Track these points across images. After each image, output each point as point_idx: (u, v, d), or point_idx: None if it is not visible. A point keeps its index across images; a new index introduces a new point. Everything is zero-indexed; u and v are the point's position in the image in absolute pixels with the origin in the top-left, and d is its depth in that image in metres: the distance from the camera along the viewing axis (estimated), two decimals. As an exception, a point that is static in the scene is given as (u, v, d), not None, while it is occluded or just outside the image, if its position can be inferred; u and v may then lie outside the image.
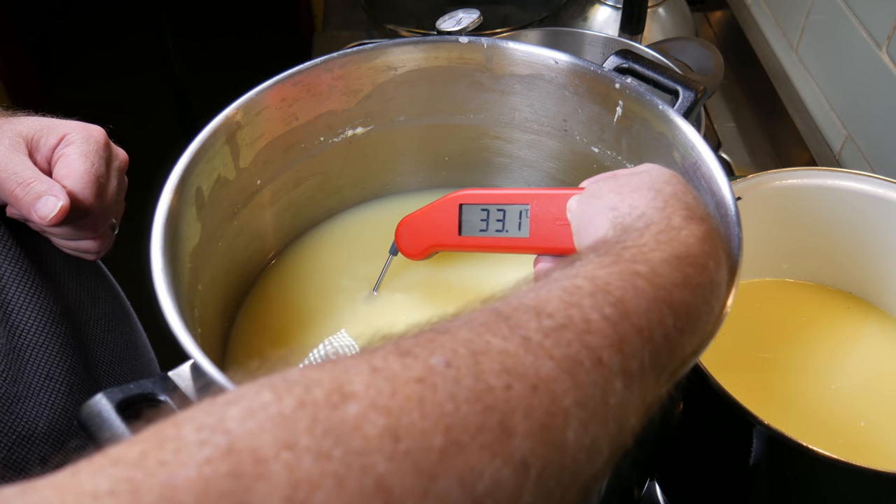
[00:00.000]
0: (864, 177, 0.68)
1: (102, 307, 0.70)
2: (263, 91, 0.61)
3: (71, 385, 0.62)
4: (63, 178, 0.57)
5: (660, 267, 0.38)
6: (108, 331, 0.70)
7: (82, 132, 0.59)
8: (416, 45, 0.66)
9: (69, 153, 0.58)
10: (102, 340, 0.69)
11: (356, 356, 0.31)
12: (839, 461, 0.50)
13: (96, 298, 0.70)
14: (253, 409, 0.27)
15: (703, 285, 0.39)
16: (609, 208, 0.44)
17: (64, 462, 0.26)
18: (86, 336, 0.67)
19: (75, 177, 0.57)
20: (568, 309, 0.34)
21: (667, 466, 0.67)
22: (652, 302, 0.36)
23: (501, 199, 0.55)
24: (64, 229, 0.60)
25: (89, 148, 0.58)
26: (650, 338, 0.35)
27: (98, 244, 0.63)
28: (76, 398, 0.62)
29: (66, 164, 0.57)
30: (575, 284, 0.36)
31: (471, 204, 0.57)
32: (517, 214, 0.54)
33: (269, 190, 0.67)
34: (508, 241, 0.55)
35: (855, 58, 0.92)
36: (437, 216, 0.59)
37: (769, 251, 0.73)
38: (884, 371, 0.68)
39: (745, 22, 1.21)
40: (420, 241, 0.61)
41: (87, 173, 0.57)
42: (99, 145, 0.59)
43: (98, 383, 0.66)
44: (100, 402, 0.42)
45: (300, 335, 0.65)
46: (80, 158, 0.57)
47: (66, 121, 0.60)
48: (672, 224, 0.41)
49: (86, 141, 0.58)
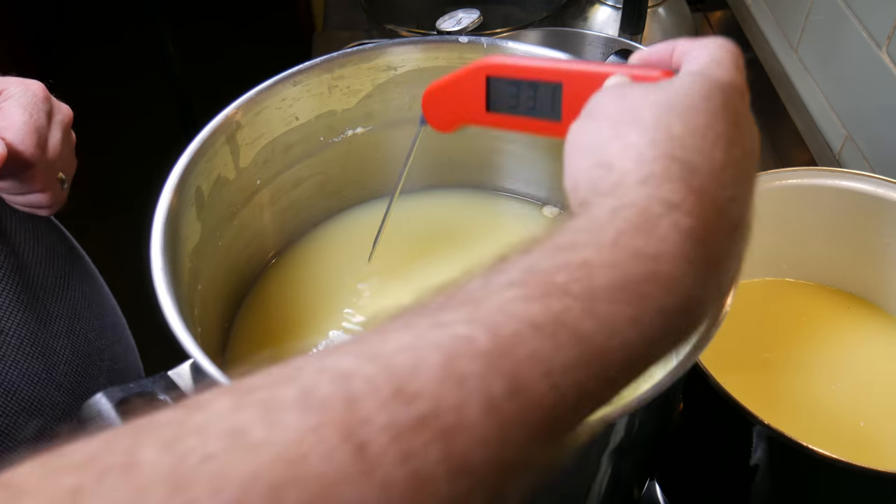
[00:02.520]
0: (864, 177, 0.68)
1: (62, 266, 0.71)
2: (263, 91, 0.61)
3: (21, 339, 0.64)
4: (2, 130, 0.57)
5: (601, 303, 0.27)
6: (66, 288, 0.71)
7: (20, 86, 0.60)
8: (416, 45, 0.66)
9: (7, 106, 0.58)
10: (59, 297, 0.69)
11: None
12: (839, 461, 0.50)
13: (54, 257, 0.71)
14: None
15: (666, 312, 0.29)
16: (590, 150, 0.34)
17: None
18: (41, 291, 0.68)
19: (14, 128, 0.57)
20: (442, 387, 0.24)
21: (667, 466, 0.67)
22: (570, 367, 0.26)
23: (533, 74, 0.47)
24: (9, 183, 0.60)
25: (27, 100, 0.59)
26: (553, 418, 0.26)
27: (47, 198, 0.63)
28: (27, 351, 0.64)
29: (4, 117, 0.58)
30: (467, 335, 0.26)
31: (499, 78, 0.49)
32: (550, 93, 0.47)
33: (269, 190, 0.67)
34: (540, 124, 0.48)
35: (855, 58, 0.92)
36: (465, 87, 0.52)
37: (769, 251, 0.73)
38: (884, 371, 0.68)
39: (745, 22, 1.21)
40: (447, 113, 0.54)
41: (25, 124, 0.58)
42: (38, 98, 0.60)
43: (54, 338, 0.67)
44: (100, 401, 0.42)
45: (300, 335, 0.65)
46: (18, 110, 0.58)
47: (4, 77, 0.61)
48: (651, 208, 0.30)
49: (24, 94, 0.59)
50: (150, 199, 0.53)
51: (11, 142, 0.57)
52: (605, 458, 0.48)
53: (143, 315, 0.95)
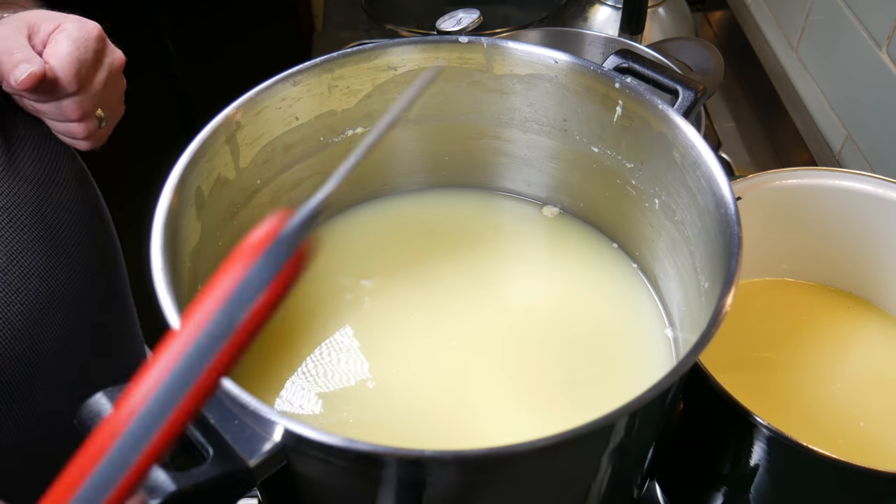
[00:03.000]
0: (864, 177, 0.68)
1: (72, 184, 0.79)
2: (263, 91, 0.61)
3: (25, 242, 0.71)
4: (48, 55, 0.64)
5: None
6: (72, 199, 0.78)
7: (77, 23, 0.66)
8: (416, 45, 0.66)
9: (59, 38, 0.65)
10: (67, 208, 0.77)
11: None
12: (839, 461, 0.50)
13: (67, 181, 0.78)
14: None
15: None
16: None
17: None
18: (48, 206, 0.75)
19: (58, 55, 0.64)
20: None
21: (667, 466, 0.67)
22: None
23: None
24: (49, 107, 0.67)
25: (79, 34, 0.65)
26: None
27: (83, 129, 0.69)
28: (28, 246, 0.71)
29: (53, 45, 0.64)
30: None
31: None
32: None
33: (269, 190, 0.67)
34: None
35: (855, 58, 0.92)
36: None
37: (769, 251, 0.73)
38: (884, 371, 0.68)
39: (745, 22, 1.21)
40: None
41: (69, 55, 0.64)
42: (90, 36, 0.66)
43: (60, 240, 0.74)
44: (99, 401, 0.42)
45: (300, 335, 0.65)
46: (66, 41, 0.64)
47: (66, 14, 0.67)
48: None
49: (78, 29, 0.65)
50: (150, 199, 0.53)
51: (53, 66, 0.63)
52: (605, 458, 0.48)
53: (142, 315, 0.94)
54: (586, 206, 0.72)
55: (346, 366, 0.62)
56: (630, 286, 0.68)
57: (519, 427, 0.58)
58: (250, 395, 0.42)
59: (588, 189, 0.70)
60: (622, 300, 0.67)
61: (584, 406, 0.59)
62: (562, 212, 0.74)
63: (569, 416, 0.58)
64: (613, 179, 0.66)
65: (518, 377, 0.61)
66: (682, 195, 0.58)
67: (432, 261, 0.69)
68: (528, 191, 0.75)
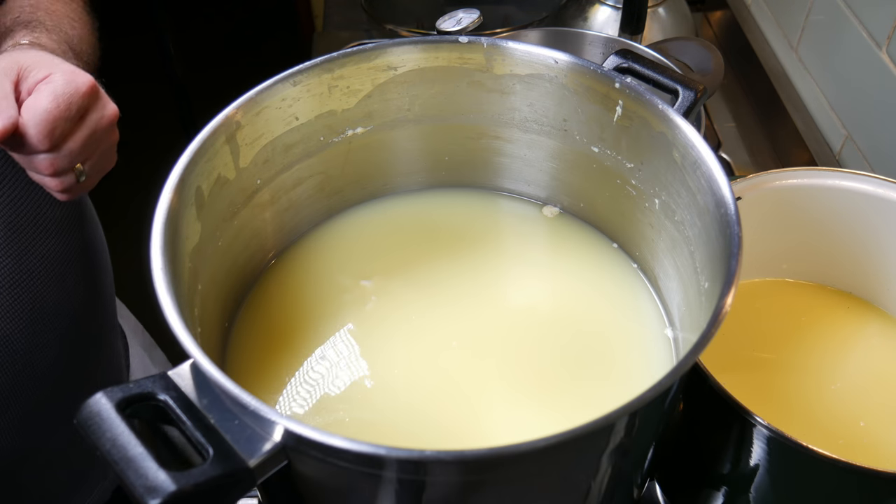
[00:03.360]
0: (864, 177, 0.68)
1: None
2: (263, 91, 0.61)
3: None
4: (25, 109, 0.60)
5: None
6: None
7: (68, 75, 0.61)
8: (416, 45, 0.66)
9: (43, 91, 0.60)
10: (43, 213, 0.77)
11: None
12: (839, 461, 0.50)
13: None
14: None
15: None
16: None
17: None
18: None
19: (34, 111, 0.59)
20: None
21: (667, 466, 0.67)
22: None
23: None
24: (19, 157, 0.63)
25: (65, 91, 0.60)
26: None
27: (56, 184, 0.65)
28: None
29: (34, 99, 0.60)
30: None
31: None
32: None
33: (268, 190, 0.67)
34: None
35: (855, 58, 0.92)
36: None
37: (769, 251, 0.73)
38: (884, 371, 0.68)
39: (745, 22, 1.21)
40: None
41: (45, 112, 0.59)
42: (77, 92, 0.61)
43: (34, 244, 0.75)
44: (99, 401, 0.42)
45: (300, 335, 0.65)
46: (48, 97, 0.60)
47: (64, 63, 0.63)
48: None
49: (66, 84, 0.61)
50: (150, 199, 0.53)
51: (24, 123, 0.59)
52: (605, 458, 0.48)
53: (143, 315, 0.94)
54: (586, 206, 0.72)
55: (347, 366, 0.62)
56: (630, 286, 0.68)
57: (519, 427, 0.58)
58: (250, 395, 0.42)
59: (588, 189, 0.70)
60: (622, 300, 0.67)
61: (584, 406, 0.59)
62: (562, 212, 0.74)
63: (569, 415, 0.58)
64: (613, 179, 0.66)
65: (518, 377, 0.61)
66: (682, 195, 0.58)
67: (432, 261, 0.69)
68: (528, 191, 0.75)
